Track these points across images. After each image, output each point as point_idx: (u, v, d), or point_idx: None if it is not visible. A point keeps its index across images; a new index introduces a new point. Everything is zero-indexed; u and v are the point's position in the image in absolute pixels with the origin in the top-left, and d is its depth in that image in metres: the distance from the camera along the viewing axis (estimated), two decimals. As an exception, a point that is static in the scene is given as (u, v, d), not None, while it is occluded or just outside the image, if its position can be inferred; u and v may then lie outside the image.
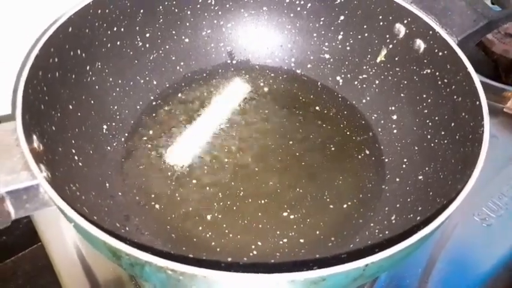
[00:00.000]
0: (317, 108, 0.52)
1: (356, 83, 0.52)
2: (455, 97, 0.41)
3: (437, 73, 0.43)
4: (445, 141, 0.41)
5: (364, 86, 0.51)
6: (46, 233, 0.51)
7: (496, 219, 0.49)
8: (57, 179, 0.35)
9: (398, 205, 0.41)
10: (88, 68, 0.45)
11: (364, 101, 0.51)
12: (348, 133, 0.50)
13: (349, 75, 0.52)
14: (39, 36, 0.39)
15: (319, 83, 0.54)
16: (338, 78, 0.53)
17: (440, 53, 0.43)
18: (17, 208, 0.31)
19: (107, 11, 0.45)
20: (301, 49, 0.54)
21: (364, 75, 0.51)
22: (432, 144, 0.43)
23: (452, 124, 0.40)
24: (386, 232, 0.39)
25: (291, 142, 0.49)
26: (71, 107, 0.42)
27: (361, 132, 0.49)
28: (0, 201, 0.30)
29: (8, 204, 0.31)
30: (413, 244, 0.27)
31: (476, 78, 0.38)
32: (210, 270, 0.25)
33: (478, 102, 0.37)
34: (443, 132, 0.42)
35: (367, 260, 0.26)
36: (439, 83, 0.43)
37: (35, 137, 0.34)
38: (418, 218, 0.38)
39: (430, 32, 0.44)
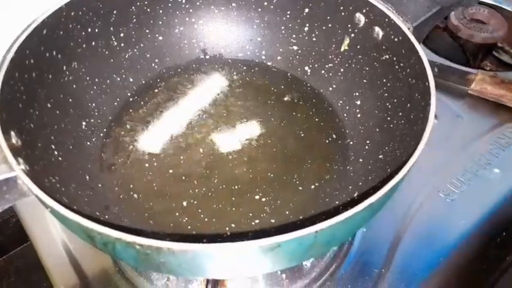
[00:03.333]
0: (287, 98, 0.54)
1: (323, 72, 0.55)
2: (409, 79, 0.43)
3: (394, 58, 0.46)
4: (402, 121, 0.44)
5: (331, 74, 0.54)
6: (33, 231, 0.53)
7: (459, 194, 0.52)
8: (36, 172, 0.37)
9: (360, 183, 0.44)
10: (64, 68, 0.47)
11: (330, 88, 0.54)
12: (317, 120, 0.52)
13: (316, 65, 0.55)
14: (15, 40, 0.41)
15: (288, 74, 0.56)
16: (306, 68, 0.56)
17: (396, 39, 0.45)
18: (-3, 199, 0.34)
19: (80, 13, 0.47)
20: (271, 42, 0.57)
21: (330, 64, 0.54)
22: (391, 125, 0.45)
23: (408, 105, 0.43)
24: (349, 208, 0.42)
25: (263, 130, 0.51)
26: (49, 105, 0.44)
27: (328, 119, 0.52)
28: (-18, 192, 0.33)
29: (-11, 196, 0.33)
30: (358, 213, 0.30)
31: (426, 61, 0.41)
32: (173, 242, 0.27)
33: (427, 83, 0.39)
34: (400, 113, 0.44)
35: (316, 227, 0.28)
36: (396, 67, 0.46)
37: (13, 133, 0.36)
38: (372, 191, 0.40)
39: (386, 20, 0.46)
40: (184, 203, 0.45)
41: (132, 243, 0.28)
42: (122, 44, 0.52)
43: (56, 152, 0.43)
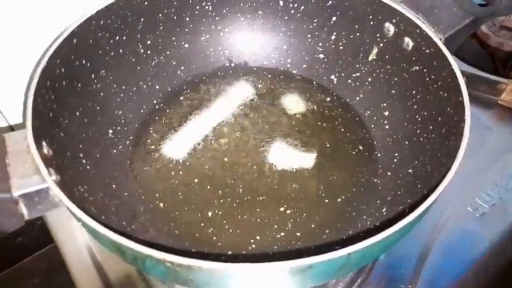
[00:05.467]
0: (313, 107, 0.54)
1: (349, 81, 0.54)
2: (441, 93, 0.42)
3: (425, 70, 0.45)
4: (433, 136, 0.43)
5: (358, 84, 0.53)
6: (59, 235, 0.54)
7: (488, 209, 0.51)
8: (66, 182, 0.37)
9: (389, 198, 0.43)
10: (93, 76, 0.47)
11: (357, 98, 0.53)
12: (343, 130, 0.51)
13: (342, 74, 0.54)
14: (46, 49, 0.41)
15: (314, 83, 0.56)
16: (332, 77, 0.55)
17: (427, 51, 0.45)
18: (29, 210, 0.34)
19: (109, 21, 0.48)
20: (297, 50, 0.56)
21: (357, 74, 0.53)
22: (421, 139, 0.44)
23: (439, 119, 0.42)
24: (377, 224, 0.41)
25: (287, 139, 0.51)
26: (77, 113, 0.45)
27: (355, 129, 0.51)
28: (14, 203, 0.33)
29: (22, 206, 0.34)
30: (392, 235, 0.29)
31: (459, 74, 0.40)
32: (203, 261, 0.27)
33: (460, 98, 0.38)
34: (431, 127, 0.43)
35: (349, 249, 0.28)
36: (427, 79, 0.45)
37: (44, 143, 0.37)
38: (407, 210, 0.39)
39: (417, 31, 0.45)
40: (210, 213, 0.45)
41: (163, 260, 0.28)
42: (149, 52, 0.53)
43: (84, 161, 0.43)
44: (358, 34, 0.52)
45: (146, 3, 0.50)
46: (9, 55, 0.48)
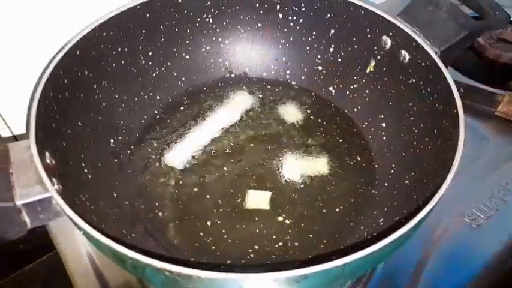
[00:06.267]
0: (311, 117, 0.55)
1: (348, 92, 0.55)
2: (437, 105, 0.43)
3: (421, 82, 0.46)
4: (429, 147, 0.43)
5: (355, 95, 0.54)
6: (60, 242, 0.54)
7: (485, 220, 0.51)
8: (68, 191, 0.38)
9: (386, 209, 0.44)
10: (95, 86, 0.48)
11: (355, 109, 0.54)
12: (341, 140, 0.52)
13: (341, 86, 0.55)
14: (50, 60, 0.42)
15: (313, 93, 0.57)
16: (331, 88, 0.56)
17: (423, 64, 0.45)
18: (32, 219, 0.35)
19: (111, 33, 0.49)
20: (296, 62, 0.57)
21: (354, 85, 0.54)
22: (418, 150, 0.45)
23: (435, 131, 0.43)
24: (375, 234, 0.42)
25: (285, 150, 0.51)
26: (79, 123, 0.45)
27: (352, 140, 0.52)
28: (17, 212, 0.34)
29: (24, 215, 0.34)
30: (388, 245, 0.29)
31: (454, 88, 0.40)
32: (202, 271, 0.28)
33: (455, 111, 0.39)
34: (427, 139, 0.44)
35: (344, 259, 0.28)
36: (423, 92, 0.45)
37: (47, 153, 0.38)
38: (403, 220, 0.40)
39: (414, 44, 0.46)
40: (208, 223, 0.45)
41: (163, 269, 0.28)
42: (150, 63, 0.54)
43: (85, 170, 0.44)
44: (355, 47, 0.53)
45: (148, 15, 0.51)
46: (12, 66, 0.49)
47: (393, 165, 0.47)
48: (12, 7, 0.46)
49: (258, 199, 0.46)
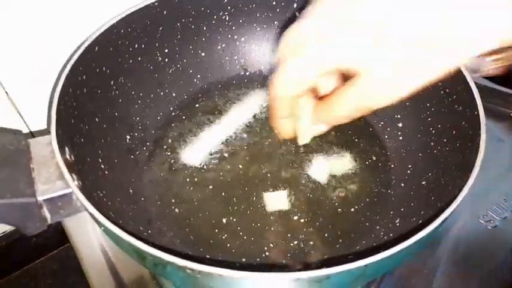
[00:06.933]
0: (326, 116, 0.54)
1: (363, 92, 0.54)
2: (456, 106, 0.43)
3: (439, 83, 0.45)
4: (447, 148, 0.43)
5: (371, 95, 0.54)
6: (75, 236, 0.55)
7: (500, 221, 0.51)
8: (86, 187, 0.38)
9: (402, 209, 0.44)
10: (112, 83, 0.48)
11: (371, 109, 0.53)
12: (356, 140, 0.52)
13: (357, 85, 0.55)
14: (69, 57, 0.43)
15: (328, 92, 0.56)
16: (346, 87, 0.56)
17: (442, 64, 0.45)
18: (52, 214, 0.35)
19: (129, 29, 0.49)
20: (311, 60, 0.57)
21: (371, 85, 0.54)
22: (435, 151, 0.45)
23: (454, 132, 0.43)
24: (391, 235, 0.42)
25: (301, 149, 0.51)
26: (97, 119, 0.46)
27: (368, 140, 0.52)
28: (39, 208, 0.34)
29: (45, 211, 0.34)
30: (410, 246, 0.29)
31: (475, 89, 0.40)
32: (224, 269, 0.28)
33: (476, 112, 0.39)
34: (445, 140, 0.44)
35: (367, 260, 0.28)
36: (441, 92, 0.45)
37: (67, 149, 0.38)
38: (420, 221, 0.40)
39: (432, 44, 0.46)
40: (224, 220, 0.46)
41: (184, 267, 0.29)
42: (166, 60, 0.54)
43: (102, 166, 0.44)
44: (373, 46, 0.53)
45: (165, 12, 0.51)
46: (28, 65, 0.49)
47: (410, 166, 0.47)
48: None
49: (275, 200, 0.46)
